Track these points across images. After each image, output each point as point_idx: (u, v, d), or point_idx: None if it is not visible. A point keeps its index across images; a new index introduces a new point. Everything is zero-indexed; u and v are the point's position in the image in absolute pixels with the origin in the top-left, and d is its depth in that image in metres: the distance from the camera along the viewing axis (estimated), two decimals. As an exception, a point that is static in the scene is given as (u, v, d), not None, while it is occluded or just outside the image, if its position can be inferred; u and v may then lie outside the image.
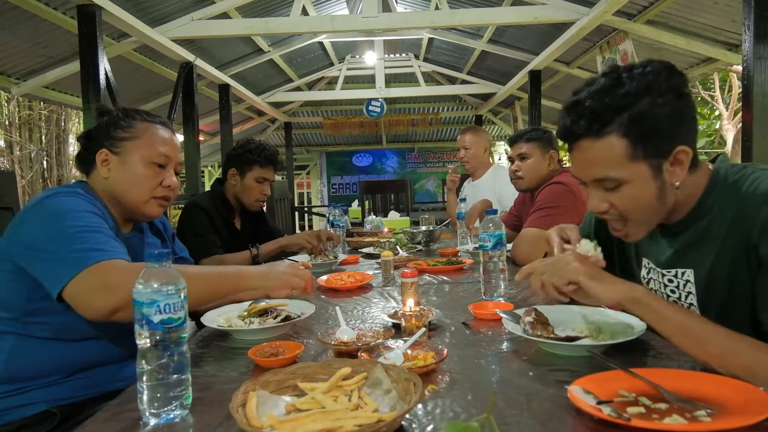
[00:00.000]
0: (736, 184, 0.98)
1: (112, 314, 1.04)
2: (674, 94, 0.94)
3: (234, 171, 2.36)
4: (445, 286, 1.75)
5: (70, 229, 1.10)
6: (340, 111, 9.44)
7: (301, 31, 4.96)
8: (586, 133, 0.97)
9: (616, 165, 0.96)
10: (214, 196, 2.38)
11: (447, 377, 0.93)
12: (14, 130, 7.85)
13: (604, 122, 0.95)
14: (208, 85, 5.89)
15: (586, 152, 0.99)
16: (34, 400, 1.14)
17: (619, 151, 0.95)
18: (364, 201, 5.25)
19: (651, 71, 0.94)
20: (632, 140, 0.94)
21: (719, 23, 3.66)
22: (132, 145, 1.29)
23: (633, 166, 0.96)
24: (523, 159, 2.24)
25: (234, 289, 1.21)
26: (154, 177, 1.30)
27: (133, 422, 0.81)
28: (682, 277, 1.07)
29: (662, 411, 0.74)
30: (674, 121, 0.95)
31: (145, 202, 1.30)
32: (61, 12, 3.44)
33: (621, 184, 0.98)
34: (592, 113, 0.95)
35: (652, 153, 0.95)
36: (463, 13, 4.49)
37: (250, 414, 0.73)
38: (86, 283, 1.04)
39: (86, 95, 3.14)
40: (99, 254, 1.06)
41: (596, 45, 4.61)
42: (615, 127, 0.94)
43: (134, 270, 1.04)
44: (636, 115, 0.93)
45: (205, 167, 11.49)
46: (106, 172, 1.28)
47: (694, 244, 1.03)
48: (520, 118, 7.58)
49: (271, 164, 2.37)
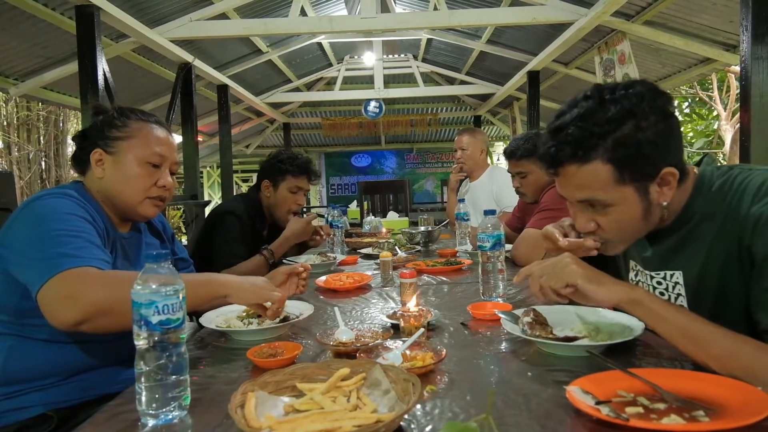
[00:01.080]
0: (722, 187, 0.99)
1: (77, 326, 1.00)
2: (658, 116, 0.94)
3: (267, 183, 2.33)
4: (443, 286, 1.75)
5: (49, 233, 1.08)
6: (338, 111, 9.44)
7: (299, 31, 4.96)
8: (570, 159, 0.97)
9: (602, 189, 0.97)
10: (252, 204, 2.35)
11: (446, 378, 0.93)
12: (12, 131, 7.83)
13: (588, 148, 0.95)
14: (206, 86, 5.89)
15: (572, 177, 0.99)
16: (31, 403, 1.13)
17: (605, 176, 0.96)
18: (363, 201, 5.25)
19: (634, 94, 0.94)
20: (617, 165, 0.94)
21: (717, 24, 3.67)
22: (126, 145, 1.27)
23: (619, 189, 0.96)
24: (522, 177, 2.23)
25: (208, 296, 1.17)
26: (149, 177, 1.28)
27: (131, 423, 0.81)
28: (671, 279, 1.08)
29: (661, 411, 0.74)
30: (659, 143, 0.94)
31: (140, 202, 1.28)
32: (59, 12, 3.44)
33: (608, 206, 0.99)
34: (575, 140, 0.95)
35: (638, 176, 0.96)
36: (461, 14, 4.49)
37: (248, 415, 0.73)
38: (53, 291, 1.01)
39: (84, 96, 3.14)
40: (71, 261, 1.03)
41: (594, 46, 4.62)
42: (600, 152, 0.94)
43: (105, 279, 1.03)
44: (620, 139, 0.93)
45: (204, 168, 11.48)
46: (101, 171, 1.27)
47: (681, 247, 1.04)
48: (518, 119, 7.59)
49: (305, 173, 2.33)
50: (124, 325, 1.02)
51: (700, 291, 1.02)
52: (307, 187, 2.37)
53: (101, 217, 1.25)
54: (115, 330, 1.04)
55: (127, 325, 1.02)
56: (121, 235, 1.32)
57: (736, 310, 0.97)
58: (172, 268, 0.82)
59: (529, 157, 2.19)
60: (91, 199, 1.26)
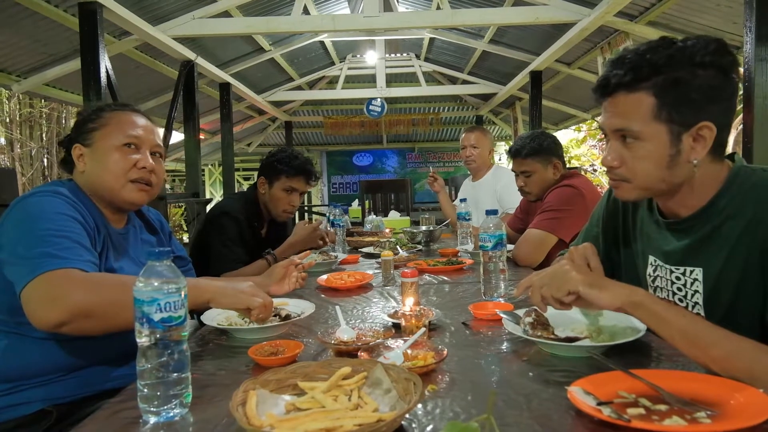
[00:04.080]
0: (755, 187, 0.97)
1: (58, 327, 0.99)
2: (717, 70, 0.94)
3: (263, 180, 2.33)
4: (445, 286, 1.75)
5: (36, 232, 1.08)
6: (340, 110, 9.43)
7: (302, 30, 4.95)
8: (620, 83, 0.98)
9: (637, 119, 0.97)
10: (248, 202, 2.34)
11: (447, 377, 0.93)
12: (15, 128, 7.84)
13: (640, 77, 0.96)
14: (208, 84, 5.88)
15: (616, 105, 1.00)
16: (30, 399, 1.13)
17: (645, 108, 0.96)
18: (365, 200, 5.25)
19: (701, 44, 0.95)
20: (660, 100, 0.95)
21: (720, 25, 3.66)
22: (101, 134, 1.28)
23: (654, 125, 0.97)
24: (527, 176, 2.21)
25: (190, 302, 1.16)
26: (126, 159, 1.27)
27: (132, 420, 0.81)
28: (690, 275, 1.06)
29: (662, 412, 0.74)
30: (707, 95, 0.94)
31: (122, 186, 1.27)
32: (62, 9, 3.44)
33: (638, 140, 0.99)
34: (632, 67, 0.97)
35: (675, 119, 0.96)
36: (464, 13, 4.48)
37: (250, 413, 0.73)
38: (35, 292, 1.00)
39: (87, 93, 3.14)
40: (55, 261, 1.02)
41: (597, 46, 4.61)
42: (649, 85, 0.96)
43: (87, 282, 1.03)
44: (672, 79, 0.94)
45: (206, 166, 11.49)
46: (83, 165, 1.28)
47: (705, 242, 1.02)
48: (520, 119, 7.58)
49: (301, 174, 2.30)
50: (107, 328, 1.02)
51: (717, 290, 1.01)
52: (302, 189, 2.34)
53: (93, 214, 1.24)
54: (97, 332, 1.04)
55: (109, 327, 1.02)
56: (115, 231, 1.31)
57: (752, 313, 0.96)
58: (173, 266, 0.83)
59: (534, 156, 2.17)
60: (82, 196, 1.26)
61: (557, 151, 2.20)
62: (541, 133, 2.27)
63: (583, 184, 2.11)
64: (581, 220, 1.95)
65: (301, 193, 2.35)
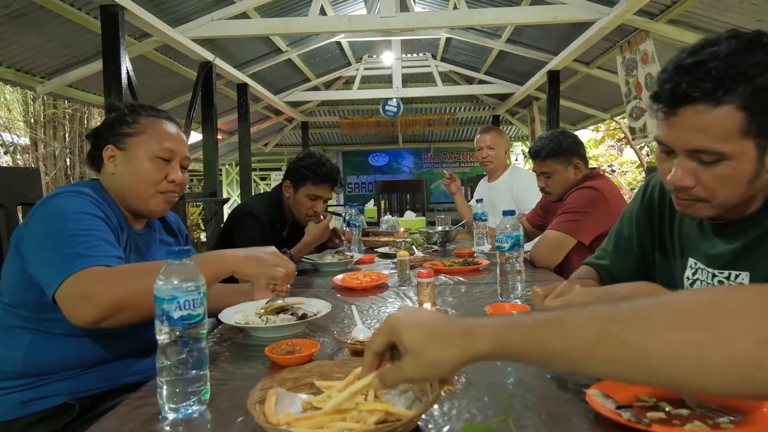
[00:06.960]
0: None
1: (97, 323, 1.03)
2: None
3: (288, 183, 2.35)
4: (461, 286, 1.74)
5: (62, 232, 1.10)
6: (356, 110, 9.45)
7: (319, 30, 4.98)
8: (703, 97, 0.85)
9: (722, 138, 0.86)
10: (272, 204, 2.37)
11: (463, 378, 0.93)
12: (39, 128, 8.02)
13: (729, 89, 0.84)
14: (226, 85, 5.95)
15: (693, 119, 0.87)
16: (54, 392, 1.16)
17: (732, 124, 0.85)
18: (380, 201, 5.25)
19: None
20: (750, 114, 0.84)
21: (744, 23, 3.58)
22: (137, 141, 1.30)
23: (741, 142, 0.86)
24: (547, 177, 2.19)
25: (213, 274, 1.16)
26: (159, 171, 1.30)
27: (152, 416, 0.82)
28: (735, 279, 1.00)
29: (683, 417, 0.72)
30: None
31: (151, 197, 1.30)
32: (84, 12, 3.51)
33: (720, 160, 0.88)
34: (719, 77, 0.84)
35: (764, 132, 0.86)
36: (481, 13, 4.46)
37: (268, 411, 0.74)
38: (69, 291, 1.03)
39: (108, 94, 3.20)
40: (84, 261, 1.05)
41: (617, 45, 4.54)
42: (736, 96, 0.84)
43: (114, 276, 1.05)
44: (762, 87, 0.83)
45: (223, 165, 11.60)
46: (113, 167, 1.30)
47: (754, 246, 0.97)
48: (537, 119, 7.51)
49: (326, 182, 2.32)
50: (142, 316, 1.03)
51: None
52: (327, 196, 2.35)
53: (115, 214, 1.27)
54: (137, 321, 1.06)
55: (145, 315, 1.02)
56: (136, 231, 1.34)
57: None
58: (193, 264, 0.83)
59: (554, 157, 2.14)
60: (105, 195, 1.28)
61: (578, 150, 2.17)
62: (561, 132, 2.23)
63: (606, 186, 2.07)
64: (601, 223, 1.93)
65: (325, 200, 2.37)
